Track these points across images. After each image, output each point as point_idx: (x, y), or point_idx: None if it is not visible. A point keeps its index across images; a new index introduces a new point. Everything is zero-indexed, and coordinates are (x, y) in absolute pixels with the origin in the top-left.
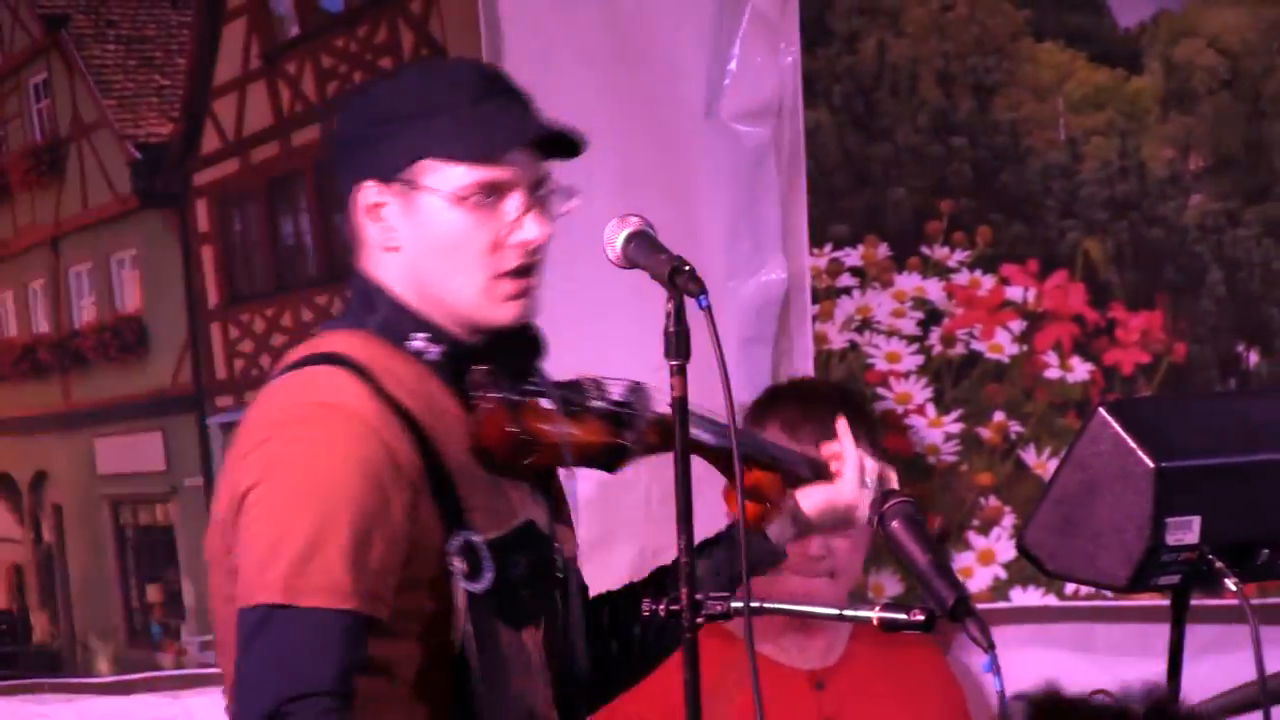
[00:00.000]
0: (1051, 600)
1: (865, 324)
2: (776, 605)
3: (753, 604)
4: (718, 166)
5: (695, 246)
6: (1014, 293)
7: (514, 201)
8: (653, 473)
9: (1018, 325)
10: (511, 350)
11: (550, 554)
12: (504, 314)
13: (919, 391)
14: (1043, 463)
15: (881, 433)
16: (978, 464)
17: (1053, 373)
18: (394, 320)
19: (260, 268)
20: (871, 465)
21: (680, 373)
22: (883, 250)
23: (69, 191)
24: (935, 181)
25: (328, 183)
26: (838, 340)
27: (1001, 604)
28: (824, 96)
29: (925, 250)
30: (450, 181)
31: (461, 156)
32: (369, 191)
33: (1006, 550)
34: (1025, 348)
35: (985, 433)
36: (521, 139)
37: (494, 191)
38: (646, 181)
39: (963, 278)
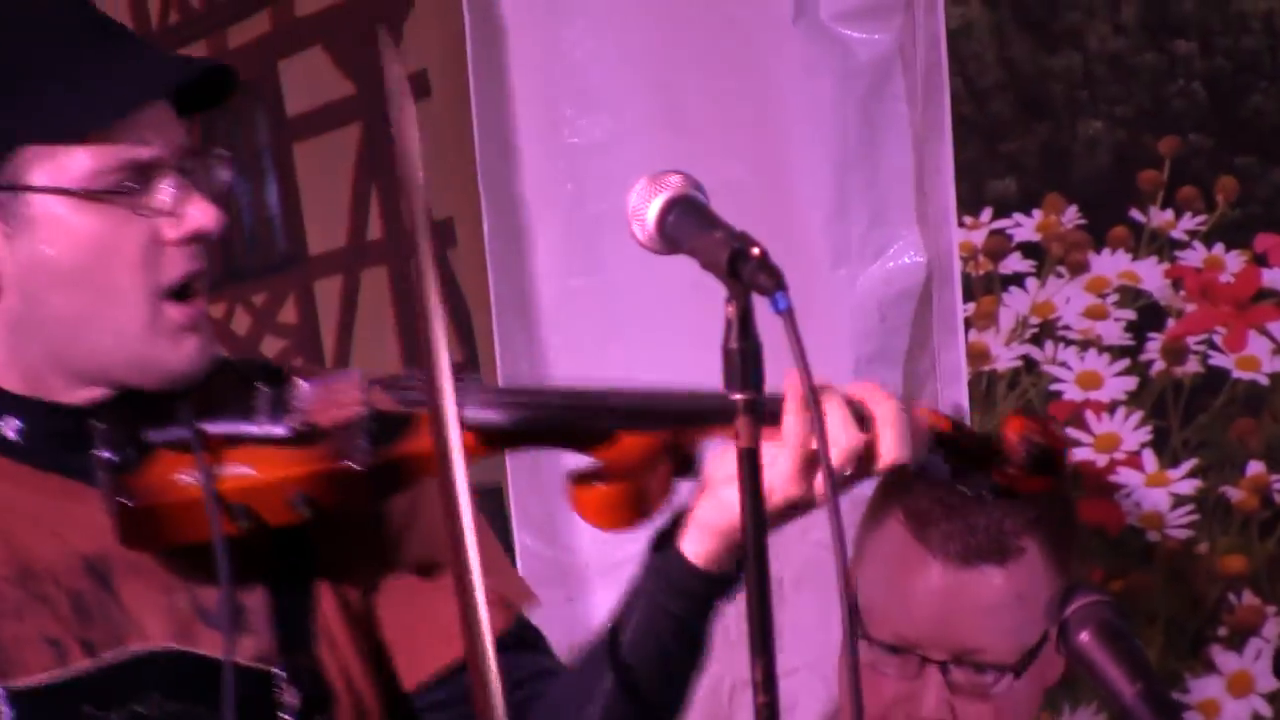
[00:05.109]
0: None
1: (1046, 330)
2: None
3: None
4: (815, 92)
5: (784, 215)
6: (1273, 277)
7: (166, 183)
8: None
9: None
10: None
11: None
12: (178, 357)
13: (1130, 433)
14: None
15: (1076, 497)
16: (1224, 542)
17: None
18: None
19: None
20: (841, 426)
21: (751, 410)
22: (1070, 215)
23: None
24: (1150, 109)
25: None
26: (1004, 356)
27: None
28: None
29: (1136, 215)
30: (69, 171)
31: (76, 130)
32: None
33: (1268, 675)
34: None
35: (1235, 493)
36: (158, 87)
37: (135, 175)
38: (712, 121)
39: (1195, 256)
